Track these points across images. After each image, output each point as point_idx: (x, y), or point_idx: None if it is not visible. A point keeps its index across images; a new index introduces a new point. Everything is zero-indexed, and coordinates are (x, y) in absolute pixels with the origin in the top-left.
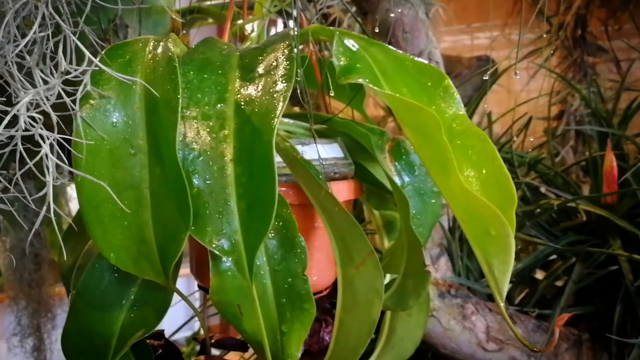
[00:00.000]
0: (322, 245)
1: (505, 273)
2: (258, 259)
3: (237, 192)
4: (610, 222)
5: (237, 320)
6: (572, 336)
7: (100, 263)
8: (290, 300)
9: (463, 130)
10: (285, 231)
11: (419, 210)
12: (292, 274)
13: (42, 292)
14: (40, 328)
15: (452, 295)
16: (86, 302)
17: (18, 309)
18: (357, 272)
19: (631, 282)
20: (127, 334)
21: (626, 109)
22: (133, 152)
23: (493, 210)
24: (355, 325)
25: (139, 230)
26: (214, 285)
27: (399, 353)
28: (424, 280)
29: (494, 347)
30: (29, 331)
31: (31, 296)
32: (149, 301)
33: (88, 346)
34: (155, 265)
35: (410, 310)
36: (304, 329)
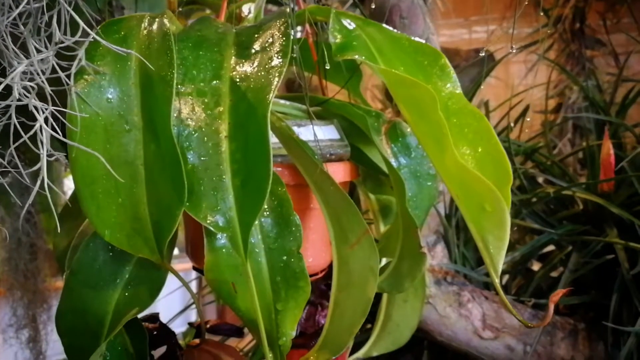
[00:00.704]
0: (318, 227)
1: (500, 249)
2: (253, 237)
3: (232, 168)
4: (607, 211)
5: (232, 298)
6: (568, 325)
7: (94, 242)
8: (285, 278)
9: (459, 109)
10: (280, 209)
11: (415, 192)
12: (287, 252)
13: (38, 283)
14: (36, 319)
15: (448, 283)
16: (80, 280)
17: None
18: (352, 251)
19: (627, 270)
20: (121, 312)
21: (624, 99)
22: (128, 128)
23: (488, 185)
24: (351, 304)
25: (133, 207)
26: (209, 262)
27: (395, 339)
28: (419, 262)
29: (490, 335)
30: (24, 322)
31: (27, 287)
32: (144, 280)
33: (82, 325)
34: (149, 243)
35: (406, 297)
36: (299, 307)
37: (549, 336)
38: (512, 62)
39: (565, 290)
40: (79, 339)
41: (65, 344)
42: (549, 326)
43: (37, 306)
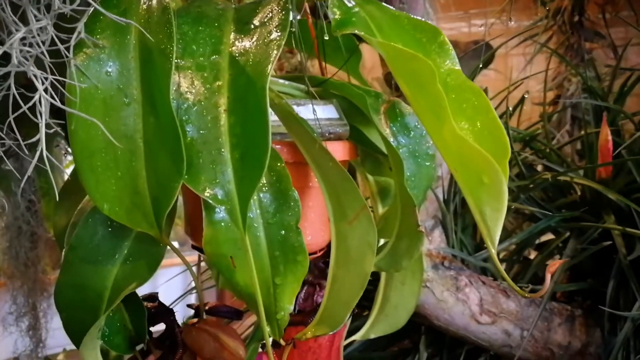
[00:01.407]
0: (317, 205)
1: (498, 221)
2: (251, 212)
3: (231, 141)
4: (605, 198)
5: (230, 272)
6: (565, 312)
7: (93, 217)
8: (283, 252)
9: (458, 85)
10: (279, 185)
11: (413, 172)
12: (286, 226)
13: (38, 271)
14: (36, 307)
15: (445, 267)
16: (79, 256)
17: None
18: (351, 227)
19: (624, 255)
20: (120, 287)
21: (621, 86)
22: (127, 101)
23: (486, 157)
24: (348, 280)
25: (132, 181)
26: (207, 235)
27: (392, 321)
28: (417, 241)
29: (487, 320)
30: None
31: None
32: (142, 255)
33: (81, 300)
34: (148, 217)
35: (403, 279)
36: (297, 281)
37: (546, 322)
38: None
39: (562, 260)
40: (78, 313)
41: (63, 318)
42: (546, 312)
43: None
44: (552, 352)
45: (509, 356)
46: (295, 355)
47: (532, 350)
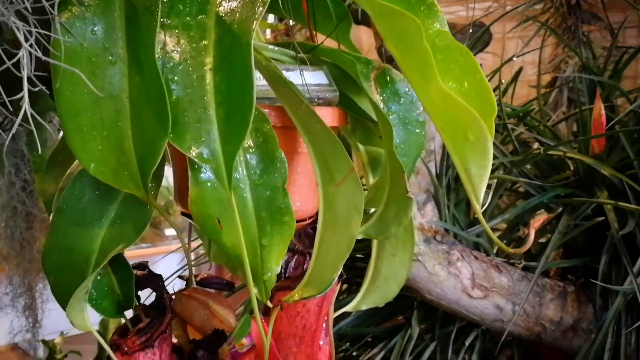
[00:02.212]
0: (306, 171)
1: (482, 177)
2: (238, 173)
3: (216, 100)
4: (598, 174)
5: (217, 233)
6: (558, 288)
7: (80, 180)
8: (270, 213)
9: (446, 46)
10: (265, 146)
11: (403, 139)
12: (272, 187)
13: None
14: (32, 287)
15: (437, 242)
16: (66, 218)
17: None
18: (338, 190)
19: (617, 230)
20: (107, 250)
21: (616, 63)
22: (112, 60)
23: (472, 113)
24: (336, 242)
25: (118, 140)
26: (193, 195)
27: (383, 293)
28: (405, 207)
29: (479, 294)
30: (20, 291)
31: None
32: (129, 217)
33: (68, 262)
34: (134, 177)
35: (394, 251)
36: (284, 242)
37: (538, 297)
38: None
39: (550, 216)
40: (65, 276)
41: (51, 282)
42: (538, 287)
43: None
44: (544, 327)
45: (500, 331)
46: (284, 320)
47: (523, 325)
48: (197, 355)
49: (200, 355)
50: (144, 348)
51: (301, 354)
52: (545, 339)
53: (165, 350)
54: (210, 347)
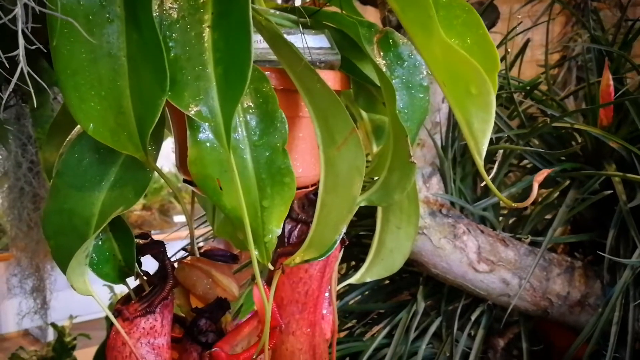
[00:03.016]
0: (307, 137)
1: (485, 132)
2: (237, 134)
3: (214, 57)
4: (606, 147)
5: (217, 195)
6: (565, 263)
7: (80, 144)
8: (270, 174)
9: (448, 3)
10: (265, 106)
11: (407, 104)
12: (273, 148)
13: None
14: (40, 269)
15: (443, 215)
16: (67, 182)
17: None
18: (339, 152)
19: (625, 202)
20: (107, 213)
21: (626, 34)
22: (110, 18)
23: (474, 66)
24: (337, 204)
25: (116, 100)
26: (192, 155)
27: (388, 265)
28: (409, 172)
29: (485, 268)
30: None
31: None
32: (129, 181)
33: (68, 226)
34: (133, 138)
35: (399, 223)
36: (285, 204)
37: (545, 271)
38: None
39: (549, 170)
40: (66, 240)
41: (52, 246)
42: (545, 262)
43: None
44: (551, 301)
45: (507, 306)
46: (286, 287)
47: (530, 299)
48: (200, 324)
49: (202, 324)
50: (145, 314)
51: (304, 321)
52: (552, 314)
53: (166, 317)
54: (212, 316)
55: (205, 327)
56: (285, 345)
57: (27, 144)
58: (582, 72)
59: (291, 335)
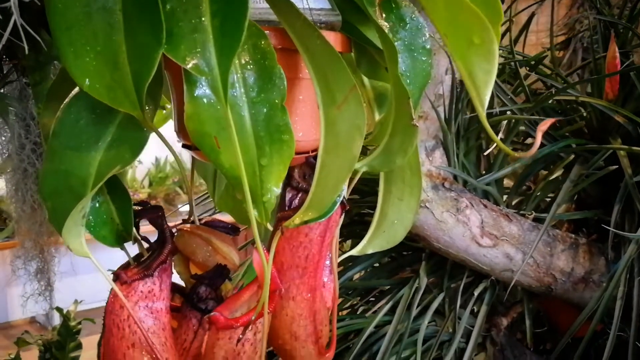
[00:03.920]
0: (308, 99)
1: (488, 82)
2: (235, 90)
3: (211, 9)
4: (611, 122)
5: (215, 154)
6: (569, 239)
7: (77, 104)
8: (268, 132)
9: None
10: (263, 62)
11: (409, 67)
12: (271, 104)
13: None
14: (44, 251)
15: (446, 189)
16: (63, 143)
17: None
18: (340, 112)
19: (630, 176)
20: (104, 174)
21: (632, 9)
22: None
23: (476, 13)
24: (337, 165)
25: (112, 56)
26: (189, 111)
27: (390, 236)
28: (410, 136)
29: (488, 243)
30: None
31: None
32: (126, 141)
33: (65, 187)
34: (129, 95)
35: (401, 195)
36: (284, 163)
37: (549, 247)
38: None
39: (554, 119)
40: (63, 201)
41: (49, 207)
42: (549, 238)
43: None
44: (555, 278)
45: (510, 282)
46: (286, 251)
47: (534, 275)
48: (199, 292)
49: (202, 292)
50: (143, 277)
51: (304, 285)
52: (556, 290)
53: (165, 281)
54: (212, 283)
55: (205, 294)
56: (285, 310)
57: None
58: (588, 54)
59: (291, 300)
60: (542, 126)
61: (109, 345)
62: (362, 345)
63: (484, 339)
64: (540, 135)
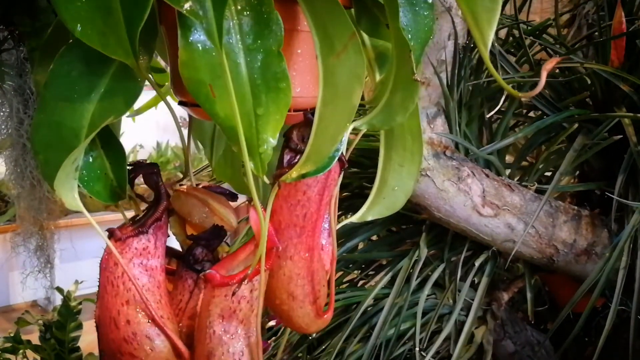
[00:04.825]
0: (306, 54)
1: (491, 22)
2: (230, 37)
3: None
4: (617, 92)
5: (210, 102)
6: (572, 211)
7: (69, 54)
8: (265, 80)
9: None
10: (260, 7)
11: (410, 21)
12: (267, 51)
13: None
14: (43, 227)
15: (447, 157)
16: (55, 94)
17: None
18: (339, 60)
19: (635, 144)
20: (97, 125)
21: None
22: None
23: None
24: (336, 116)
25: (105, 0)
26: (183, 57)
27: (390, 203)
28: (412, 92)
29: (489, 212)
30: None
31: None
32: (119, 91)
33: (57, 138)
34: (122, 42)
35: (402, 161)
36: (280, 112)
37: (551, 218)
38: None
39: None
40: (55, 154)
41: (41, 160)
42: (552, 209)
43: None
44: (557, 249)
45: (511, 252)
46: (284, 210)
47: (535, 246)
48: (195, 253)
49: (198, 253)
50: (137, 234)
51: (302, 245)
52: (558, 262)
53: (160, 239)
54: (209, 244)
55: (202, 256)
56: (282, 270)
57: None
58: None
59: (289, 260)
60: (547, 65)
61: (103, 302)
62: (362, 318)
63: (484, 313)
64: (545, 74)
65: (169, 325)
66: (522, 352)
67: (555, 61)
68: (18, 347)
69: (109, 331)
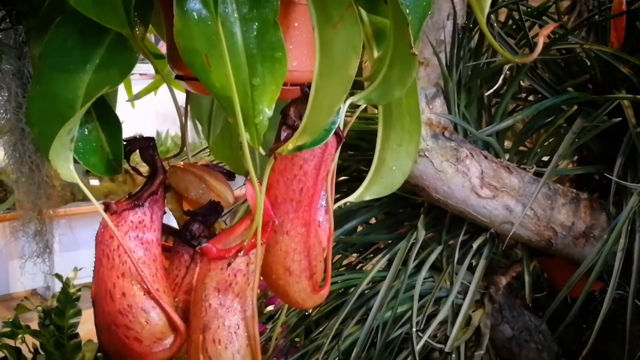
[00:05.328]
0: (303, 27)
1: None
2: (226, 6)
3: None
4: (616, 74)
5: (206, 72)
6: (570, 193)
7: (65, 25)
8: (260, 50)
9: None
10: None
11: None
12: (263, 20)
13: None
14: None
15: (446, 138)
16: (50, 64)
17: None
18: (335, 31)
19: (634, 125)
20: (92, 96)
21: None
22: None
23: None
24: (332, 87)
25: None
26: (178, 26)
27: (388, 183)
28: (410, 66)
29: (488, 194)
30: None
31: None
32: (115, 62)
33: (53, 110)
34: (117, 11)
35: (400, 140)
36: (276, 82)
37: (550, 200)
38: None
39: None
40: (50, 126)
41: (36, 133)
42: (550, 191)
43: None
44: (555, 231)
45: (509, 234)
46: (280, 184)
47: (534, 228)
48: (192, 229)
49: (195, 229)
50: (133, 207)
51: (298, 220)
52: (556, 245)
53: (156, 212)
54: (205, 220)
55: (198, 232)
56: (279, 245)
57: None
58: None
59: (285, 235)
60: (544, 30)
61: (98, 276)
62: (359, 300)
63: (482, 297)
64: (542, 39)
65: (165, 298)
66: (519, 336)
67: (552, 26)
68: (17, 332)
69: (105, 304)
